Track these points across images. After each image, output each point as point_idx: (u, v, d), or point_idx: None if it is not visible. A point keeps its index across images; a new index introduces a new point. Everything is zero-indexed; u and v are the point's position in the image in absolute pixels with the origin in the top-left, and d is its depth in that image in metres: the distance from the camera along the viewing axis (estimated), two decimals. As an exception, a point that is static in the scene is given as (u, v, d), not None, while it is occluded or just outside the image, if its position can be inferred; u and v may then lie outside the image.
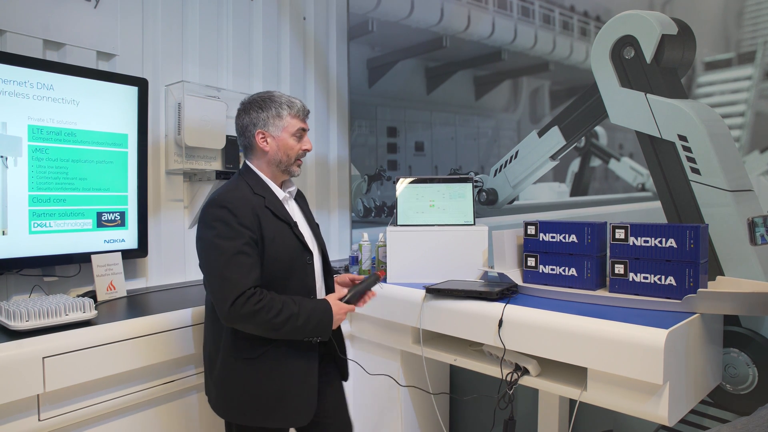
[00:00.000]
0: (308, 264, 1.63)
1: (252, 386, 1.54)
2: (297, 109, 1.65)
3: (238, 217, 1.48)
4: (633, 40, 2.10)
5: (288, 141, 1.63)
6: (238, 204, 1.51)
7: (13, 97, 1.86)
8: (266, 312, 1.44)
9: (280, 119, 1.62)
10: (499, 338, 1.75)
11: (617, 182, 2.27)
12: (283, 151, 1.63)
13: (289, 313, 1.47)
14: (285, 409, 1.56)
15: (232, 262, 1.45)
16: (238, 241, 1.47)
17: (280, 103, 1.64)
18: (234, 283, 1.43)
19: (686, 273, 1.71)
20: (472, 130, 2.77)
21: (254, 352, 1.54)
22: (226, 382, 1.57)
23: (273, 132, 1.62)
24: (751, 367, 1.86)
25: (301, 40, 3.11)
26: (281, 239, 1.56)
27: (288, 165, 1.65)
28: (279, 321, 1.46)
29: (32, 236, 1.92)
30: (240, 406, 1.55)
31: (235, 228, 1.48)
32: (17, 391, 1.42)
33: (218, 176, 2.41)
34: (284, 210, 1.62)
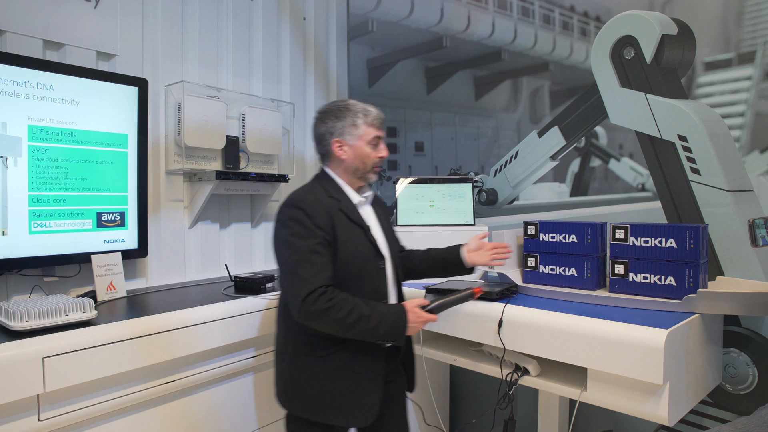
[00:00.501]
0: (380, 269, 1.64)
1: (318, 383, 1.57)
2: (372, 117, 1.66)
3: (312, 218, 1.52)
4: (633, 41, 2.10)
5: (364, 149, 1.64)
6: (313, 205, 1.54)
7: (13, 97, 1.86)
8: (336, 311, 1.45)
9: (356, 128, 1.64)
10: (499, 338, 1.75)
11: (617, 182, 2.27)
12: (359, 159, 1.65)
13: (360, 313, 1.47)
14: (347, 409, 1.58)
15: (304, 260, 1.49)
16: (312, 240, 1.50)
17: (356, 112, 1.65)
18: (305, 281, 1.46)
19: (686, 273, 1.71)
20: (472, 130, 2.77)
21: (324, 350, 1.56)
22: (293, 375, 1.61)
23: (349, 141, 1.64)
24: (751, 367, 1.86)
25: (301, 40, 3.11)
26: (354, 242, 1.58)
27: (364, 172, 1.67)
28: (350, 321, 1.46)
29: (32, 236, 1.92)
30: (304, 400, 1.59)
31: (309, 228, 1.51)
32: (17, 391, 1.42)
33: (218, 176, 2.41)
34: (358, 214, 1.64)
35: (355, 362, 1.57)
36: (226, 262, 2.61)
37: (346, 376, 1.57)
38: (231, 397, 2.05)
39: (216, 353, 1.94)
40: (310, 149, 3.18)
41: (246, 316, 2.00)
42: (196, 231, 2.58)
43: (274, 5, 2.93)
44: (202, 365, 1.91)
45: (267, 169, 2.84)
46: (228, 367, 1.99)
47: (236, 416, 2.06)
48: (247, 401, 2.10)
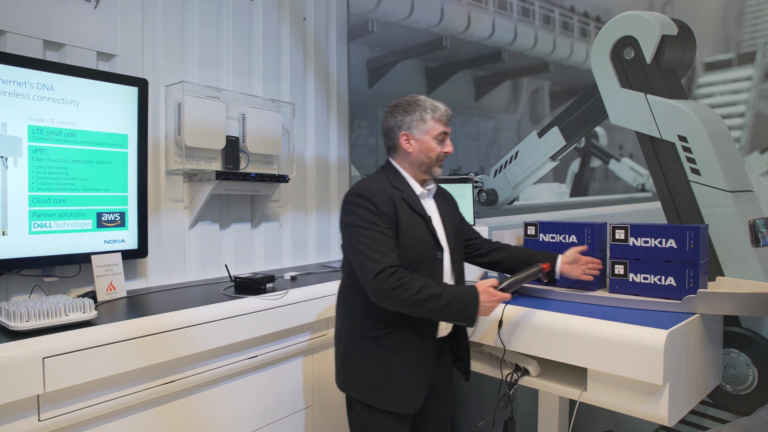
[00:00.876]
0: (438, 259, 1.68)
1: (369, 364, 1.63)
2: (440, 113, 1.69)
3: (376, 204, 1.59)
4: (633, 41, 2.10)
5: (430, 143, 1.69)
6: (377, 193, 1.61)
7: (13, 97, 1.86)
8: (406, 289, 1.50)
9: (424, 123, 1.68)
10: (499, 339, 1.75)
11: (617, 183, 2.27)
12: (425, 152, 1.69)
13: (430, 292, 1.51)
14: (394, 393, 1.62)
15: (373, 241, 1.55)
16: (378, 224, 1.57)
17: (425, 107, 1.69)
18: (375, 260, 1.52)
19: (686, 273, 1.71)
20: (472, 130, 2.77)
21: (377, 332, 1.62)
22: (347, 356, 1.69)
23: (416, 135, 1.69)
24: (751, 367, 1.86)
25: (301, 40, 3.11)
26: (414, 230, 1.63)
27: (429, 166, 1.71)
28: (419, 298, 1.50)
29: (32, 236, 1.92)
30: (356, 381, 1.66)
31: (374, 212, 1.58)
32: (17, 391, 1.42)
33: (218, 176, 2.41)
34: (420, 204, 1.69)
35: (406, 347, 1.62)
36: (226, 263, 2.61)
37: (396, 360, 1.61)
38: (231, 398, 2.05)
39: (216, 353, 1.94)
40: (310, 149, 3.18)
41: (246, 317, 2.00)
42: (196, 231, 2.58)
43: (274, 5, 2.93)
44: (202, 365, 1.91)
45: (267, 169, 2.84)
46: (228, 368, 1.99)
47: (236, 416, 2.06)
48: (248, 401, 2.10)
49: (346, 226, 1.63)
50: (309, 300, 2.26)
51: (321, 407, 2.43)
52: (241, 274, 2.36)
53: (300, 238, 3.11)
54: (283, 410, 2.25)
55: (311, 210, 3.19)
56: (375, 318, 1.61)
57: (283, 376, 2.24)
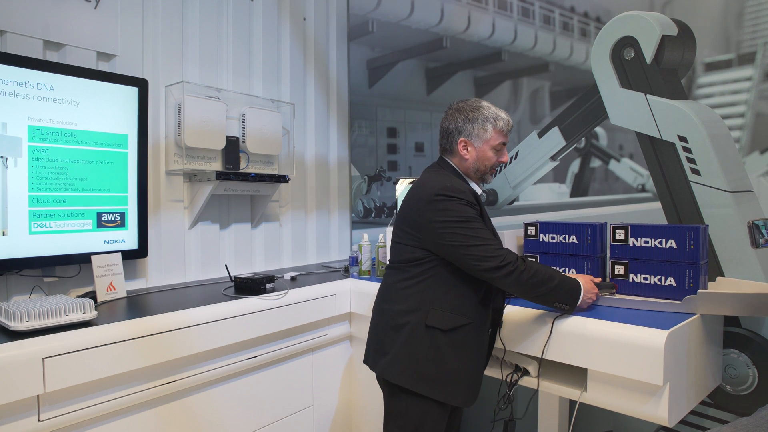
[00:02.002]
0: None
1: (434, 356, 1.60)
2: (502, 123, 1.70)
3: (467, 200, 1.60)
4: (633, 41, 2.10)
5: (487, 153, 1.69)
6: (463, 190, 1.62)
7: (13, 97, 1.86)
8: (533, 272, 1.56)
9: (485, 132, 1.68)
10: (500, 339, 1.75)
11: (617, 183, 2.27)
12: (481, 161, 1.70)
13: (548, 273, 1.59)
14: (456, 386, 1.61)
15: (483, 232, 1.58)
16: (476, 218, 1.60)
17: (487, 117, 1.69)
18: (496, 252, 1.55)
19: (686, 274, 1.71)
20: (472, 130, 2.77)
21: (447, 324, 1.60)
22: (408, 346, 1.63)
23: (475, 142, 1.69)
24: (751, 367, 1.86)
25: (301, 40, 3.11)
26: (489, 225, 1.69)
27: (483, 173, 1.72)
28: (536, 281, 1.56)
29: (32, 237, 1.92)
30: (414, 371, 1.61)
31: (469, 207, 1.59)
32: (17, 391, 1.42)
33: (218, 177, 2.41)
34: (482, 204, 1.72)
35: (473, 341, 1.63)
36: (226, 263, 2.61)
37: (464, 353, 1.62)
38: (231, 398, 2.05)
39: (216, 354, 1.94)
40: (310, 149, 3.18)
41: (246, 317, 2.00)
42: (196, 231, 2.58)
43: (274, 5, 2.93)
44: (202, 365, 1.91)
45: (267, 169, 2.84)
46: (228, 368, 1.99)
47: (236, 416, 2.06)
48: (247, 402, 2.10)
49: (442, 224, 1.58)
50: (309, 300, 2.26)
51: (321, 407, 2.43)
52: (241, 274, 2.36)
53: (300, 238, 3.11)
54: (284, 410, 2.25)
55: (311, 210, 3.19)
56: (447, 310, 1.61)
57: (283, 377, 2.24)
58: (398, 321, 1.67)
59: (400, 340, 1.65)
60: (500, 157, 1.72)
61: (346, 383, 2.56)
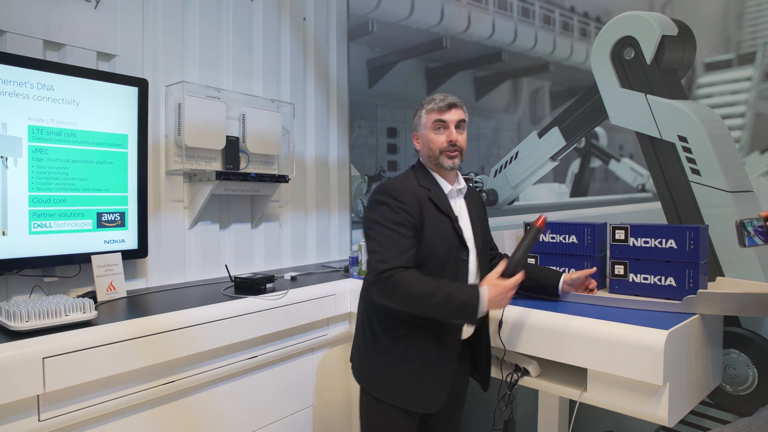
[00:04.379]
0: (463, 260, 1.66)
1: (390, 364, 1.62)
2: (433, 103, 1.68)
3: (400, 203, 1.58)
4: (633, 41, 2.10)
5: (428, 135, 1.68)
6: (402, 191, 1.61)
7: (13, 97, 1.86)
8: (402, 288, 1.49)
9: (420, 118, 1.72)
10: (499, 339, 1.75)
11: (617, 183, 2.27)
12: (427, 146, 1.69)
13: (424, 290, 1.48)
14: (415, 393, 1.61)
15: (388, 240, 1.55)
16: (398, 222, 1.56)
17: (423, 103, 1.72)
18: (383, 260, 1.52)
19: (686, 274, 1.71)
20: (472, 130, 2.77)
21: (396, 331, 1.61)
22: (368, 354, 1.69)
23: (419, 131, 1.73)
24: (751, 367, 1.86)
25: (301, 40, 3.11)
26: (440, 231, 1.62)
27: (435, 158, 1.67)
28: (413, 297, 1.49)
29: (32, 237, 1.92)
30: (375, 379, 1.67)
31: (396, 211, 1.57)
32: (17, 391, 1.42)
33: (218, 177, 2.41)
34: (447, 204, 1.67)
35: (428, 348, 1.61)
36: (226, 263, 2.61)
37: (418, 360, 1.60)
38: (231, 398, 2.05)
39: (216, 354, 1.94)
40: (310, 149, 3.18)
41: (246, 317, 2.00)
42: (196, 231, 2.58)
43: (274, 5, 2.93)
44: (202, 365, 1.91)
45: (267, 169, 2.84)
46: (228, 368, 1.99)
47: (236, 416, 2.06)
48: (248, 401, 2.10)
49: (367, 222, 1.63)
50: (309, 300, 2.26)
51: (321, 407, 2.43)
52: (241, 274, 2.36)
53: (300, 238, 3.11)
54: (284, 410, 2.25)
55: (311, 210, 3.19)
56: (395, 317, 1.61)
57: (283, 376, 2.24)
58: (361, 326, 1.74)
59: (362, 346, 1.72)
60: (445, 136, 1.65)
61: (346, 383, 2.56)
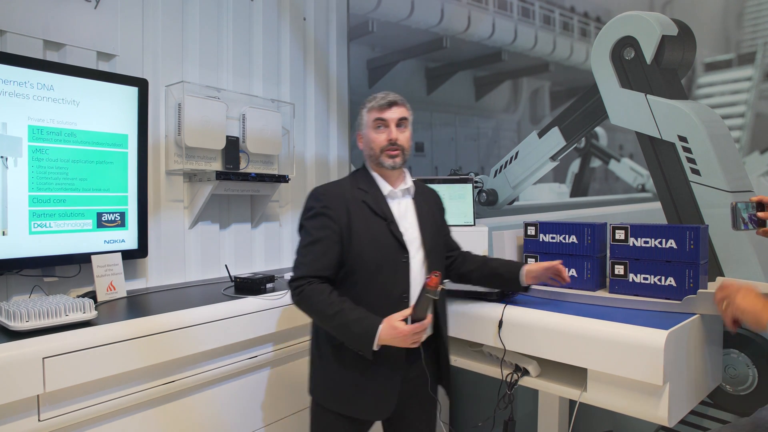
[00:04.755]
0: (402, 262, 1.60)
1: (335, 371, 1.61)
2: (372, 102, 1.68)
3: (324, 207, 1.58)
4: (633, 41, 2.10)
5: (369, 134, 1.67)
6: (330, 196, 1.61)
7: (13, 97, 1.86)
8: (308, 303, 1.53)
9: (362, 118, 1.71)
10: (500, 339, 1.75)
11: (617, 183, 2.27)
12: (368, 146, 1.67)
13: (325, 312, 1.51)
14: (361, 401, 1.59)
15: (305, 248, 1.58)
16: (318, 228, 1.57)
17: (364, 102, 1.71)
18: (297, 267, 1.56)
19: (686, 274, 1.71)
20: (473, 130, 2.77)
21: (336, 339, 1.58)
22: (315, 363, 1.70)
23: (361, 131, 1.72)
24: (750, 368, 1.86)
25: (301, 40, 3.11)
26: (372, 235, 1.58)
27: (376, 158, 1.65)
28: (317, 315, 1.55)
29: (32, 236, 1.92)
30: (322, 387, 1.66)
31: (318, 217, 1.58)
32: (17, 391, 1.42)
33: (218, 177, 2.41)
34: (385, 206, 1.63)
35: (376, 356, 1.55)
36: (226, 263, 2.60)
37: (360, 367, 1.57)
38: (231, 398, 2.04)
39: (216, 353, 1.94)
40: (310, 149, 3.18)
41: (246, 317, 2.00)
42: (196, 231, 2.58)
43: (274, 5, 2.93)
44: (202, 366, 1.91)
45: (267, 169, 2.84)
46: (228, 368, 1.99)
47: (237, 416, 2.06)
48: (248, 401, 2.10)
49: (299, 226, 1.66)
50: (309, 300, 2.26)
51: (321, 407, 2.43)
52: (241, 274, 2.36)
53: (300, 238, 3.11)
54: (284, 410, 2.25)
55: (311, 210, 3.18)
56: None
57: (283, 377, 2.24)
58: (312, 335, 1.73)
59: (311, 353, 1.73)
60: (386, 134, 1.63)
61: (346, 383, 2.56)
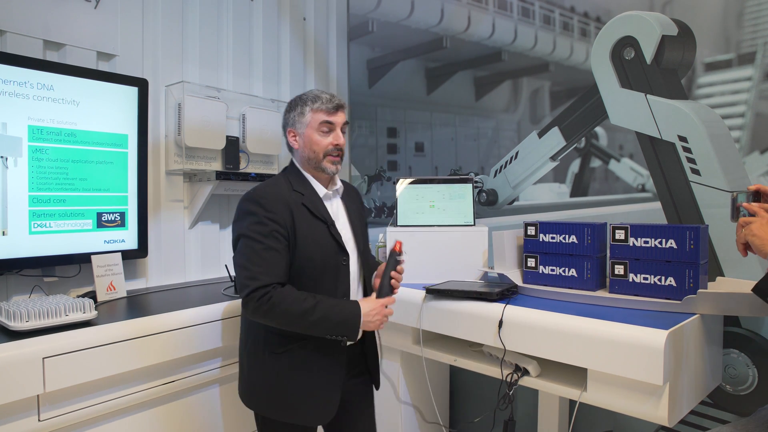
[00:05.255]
0: (342, 265, 1.61)
1: (276, 380, 1.56)
2: (321, 102, 1.61)
3: (269, 212, 1.50)
4: (633, 41, 2.10)
5: (312, 136, 1.60)
6: (271, 199, 1.52)
7: (13, 97, 1.86)
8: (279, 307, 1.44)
9: (303, 116, 1.62)
10: (500, 339, 1.75)
11: (617, 183, 2.27)
12: (308, 147, 1.61)
13: (302, 308, 1.45)
14: (305, 406, 1.57)
15: (256, 255, 1.47)
16: (267, 236, 1.48)
17: (305, 99, 1.63)
18: (254, 277, 1.45)
19: (686, 274, 1.71)
20: (472, 130, 2.77)
21: (279, 348, 1.55)
22: (252, 372, 1.61)
23: (299, 129, 1.63)
24: (750, 367, 1.86)
25: (301, 40, 3.11)
26: (315, 238, 1.56)
27: (317, 162, 1.61)
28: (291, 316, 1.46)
29: (32, 236, 1.92)
30: (263, 397, 1.59)
31: (264, 222, 1.49)
32: (17, 391, 1.42)
33: (218, 177, 2.41)
34: (323, 208, 1.60)
35: (313, 360, 1.55)
36: (226, 263, 2.61)
37: (303, 373, 1.55)
38: (231, 398, 2.04)
39: (216, 354, 1.94)
40: (310, 149, 3.18)
41: (246, 317, 2.00)
42: (196, 231, 2.58)
43: (274, 5, 2.93)
44: (203, 366, 1.91)
45: (267, 169, 2.84)
46: (228, 368, 1.99)
47: (236, 417, 2.06)
48: (247, 401, 2.10)
49: (234, 233, 1.55)
50: (309, 300, 2.26)
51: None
52: (241, 274, 2.35)
53: (300, 238, 3.11)
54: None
55: (311, 210, 3.18)
56: (275, 333, 1.54)
57: (283, 376, 2.24)
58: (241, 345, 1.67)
59: (244, 366, 1.65)
60: (331, 139, 1.60)
61: (346, 383, 2.56)
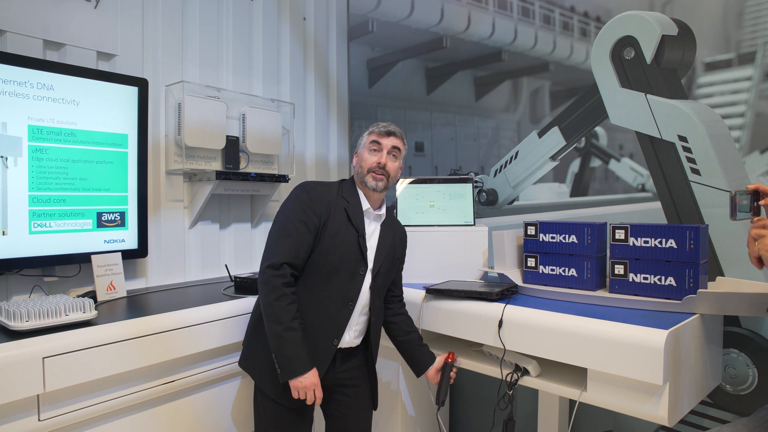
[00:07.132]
0: (359, 274, 1.73)
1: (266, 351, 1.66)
2: (375, 128, 1.81)
3: (311, 200, 1.68)
4: (633, 41, 2.10)
5: (363, 154, 1.80)
6: (318, 194, 1.70)
7: (13, 97, 1.86)
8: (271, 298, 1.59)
9: (362, 138, 1.84)
10: (499, 339, 1.75)
11: (617, 183, 2.27)
12: (359, 163, 1.80)
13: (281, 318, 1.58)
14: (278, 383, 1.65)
15: (285, 233, 1.64)
16: (299, 219, 1.64)
17: (369, 126, 1.84)
18: (274, 252, 1.62)
19: (686, 273, 1.71)
20: (472, 130, 2.77)
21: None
22: (250, 341, 1.80)
23: (358, 149, 1.84)
24: (750, 367, 1.86)
25: (301, 40, 3.11)
26: (342, 239, 1.69)
27: (362, 176, 1.77)
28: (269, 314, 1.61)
29: (32, 236, 1.92)
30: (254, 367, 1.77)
31: (303, 209, 1.66)
32: (17, 391, 1.42)
33: (218, 176, 2.41)
34: (361, 219, 1.75)
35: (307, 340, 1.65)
36: (226, 263, 2.61)
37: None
38: (231, 397, 2.05)
39: (216, 353, 1.94)
40: (310, 149, 3.18)
41: (246, 317, 1.99)
42: (196, 231, 2.58)
43: (274, 5, 2.93)
44: (203, 365, 1.91)
45: (267, 169, 2.84)
46: (228, 368, 1.99)
47: (236, 416, 2.06)
48: (248, 401, 2.10)
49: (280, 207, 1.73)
50: (309, 300, 2.26)
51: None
52: (241, 274, 2.36)
53: (300, 238, 3.10)
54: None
55: (311, 210, 3.18)
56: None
57: (283, 376, 2.24)
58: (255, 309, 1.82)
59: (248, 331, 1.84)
60: (377, 158, 1.76)
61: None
